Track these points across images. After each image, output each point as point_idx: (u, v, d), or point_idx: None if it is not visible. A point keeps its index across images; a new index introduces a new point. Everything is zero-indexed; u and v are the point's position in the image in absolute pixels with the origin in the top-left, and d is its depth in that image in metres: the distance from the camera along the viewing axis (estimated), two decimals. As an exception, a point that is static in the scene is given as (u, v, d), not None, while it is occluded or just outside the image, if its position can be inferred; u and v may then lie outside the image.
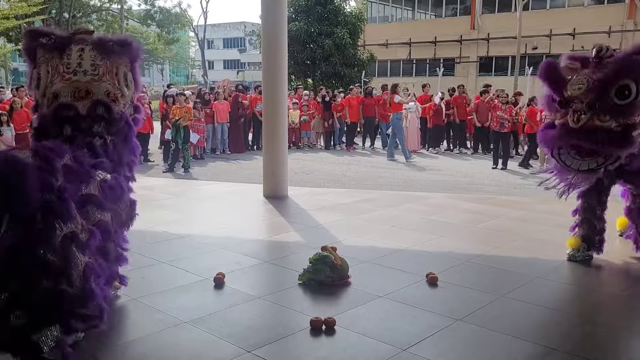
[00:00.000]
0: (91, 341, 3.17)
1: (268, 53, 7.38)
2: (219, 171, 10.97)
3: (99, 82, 3.53)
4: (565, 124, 4.23)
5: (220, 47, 70.84)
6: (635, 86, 3.98)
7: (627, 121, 4.10)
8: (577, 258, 4.64)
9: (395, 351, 3.05)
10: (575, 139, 4.21)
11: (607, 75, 4.02)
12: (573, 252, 4.67)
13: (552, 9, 30.25)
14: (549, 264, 4.62)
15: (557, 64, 4.39)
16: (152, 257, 4.57)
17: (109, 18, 40.04)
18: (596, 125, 4.09)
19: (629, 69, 4.00)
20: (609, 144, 4.15)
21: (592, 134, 4.12)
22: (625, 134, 4.12)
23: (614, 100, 4.01)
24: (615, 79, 4.01)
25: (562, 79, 4.27)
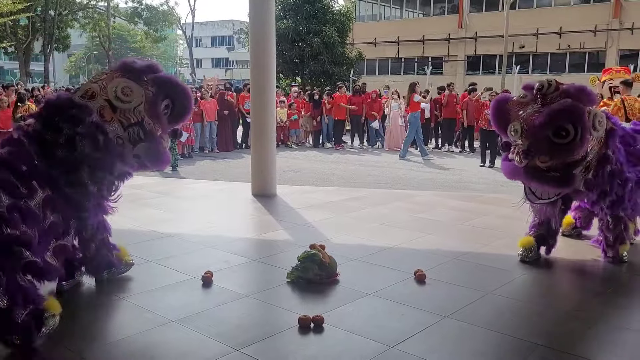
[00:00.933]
0: (78, 340, 3.16)
1: (256, 51, 7.36)
2: (207, 170, 10.94)
3: (91, 83, 3.84)
4: (513, 160, 4.26)
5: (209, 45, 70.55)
6: (572, 128, 3.95)
7: (566, 160, 4.09)
8: (529, 259, 4.61)
9: (383, 348, 3.06)
10: (523, 177, 4.27)
11: (540, 121, 4.01)
12: (525, 253, 4.63)
13: (539, 8, 30.47)
14: (535, 262, 4.66)
15: (505, 102, 4.39)
16: (140, 256, 4.55)
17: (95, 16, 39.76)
18: (537, 165, 4.11)
19: (560, 114, 3.96)
20: (551, 183, 4.21)
21: (535, 174, 4.16)
22: (567, 172, 4.12)
23: (552, 141, 4.00)
24: (548, 125, 3.98)
25: (507, 119, 4.29)
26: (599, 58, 29.17)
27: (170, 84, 3.93)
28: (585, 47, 28.95)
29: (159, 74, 3.90)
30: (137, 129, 3.73)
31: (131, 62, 3.89)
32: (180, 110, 3.98)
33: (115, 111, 3.67)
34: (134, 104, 3.69)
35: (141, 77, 3.79)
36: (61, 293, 3.89)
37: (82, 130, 3.53)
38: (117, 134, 3.69)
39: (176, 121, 4.03)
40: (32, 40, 32.72)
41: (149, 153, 3.85)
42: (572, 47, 29.11)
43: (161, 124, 3.86)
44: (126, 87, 3.68)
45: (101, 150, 3.60)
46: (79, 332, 3.30)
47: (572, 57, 29.73)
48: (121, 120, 3.68)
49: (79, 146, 3.53)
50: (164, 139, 3.96)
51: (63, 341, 3.15)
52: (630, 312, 3.69)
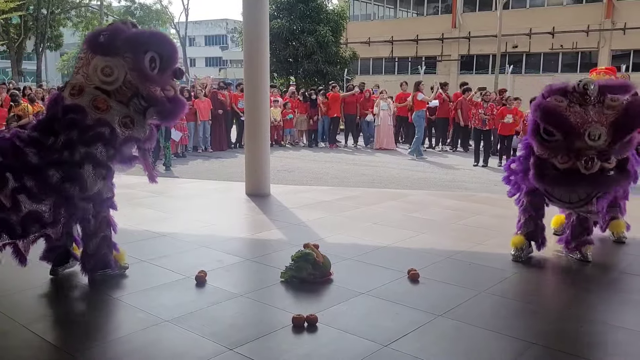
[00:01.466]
0: (71, 340, 3.15)
1: (250, 51, 7.36)
2: (200, 169, 10.91)
3: (75, 75, 3.74)
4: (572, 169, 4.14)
5: (202, 44, 70.37)
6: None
7: (623, 156, 4.18)
8: (523, 257, 4.62)
9: (377, 347, 3.07)
10: (589, 185, 4.20)
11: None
12: (517, 253, 4.64)
13: (532, 8, 30.59)
14: (528, 260, 4.68)
15: (554, 106, 4.18)
16: (133, 255, 4.53)
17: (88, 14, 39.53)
18: (604, 168, 4.10)
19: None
20: (616, 183, 4.28)
21: (601, 179, 4.14)
22: (623, 168, 4.19)
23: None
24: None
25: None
26: (591, 58, 29.30)
27: (141, 39, 3.74)
28: (577, 47, 29.08)
29: (126, 36, 3.69)
30: (137, 100, 3.69)
31: (95, 39, 3.74)
32: (168, 54, 3.79)
33: (109, 95, 3.63)
34: (121, 78, 3.62)
35: (112, 49, 3.66)
36: (55, 276, 3.94)
37: (82, 132, 3.56)
38: (122, 115, 3.66)
39: (170, 65, 3.82)
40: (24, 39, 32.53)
41: (163, 114, 3.83)
42: (565, 47, 29.24)
43: (155, 82, 3.76)
44: (105, 67, 3.60)
45: (111, 144, 3.64)
46: (72, 331, 3.29)
47: (565, 57, 29.86)
48: (119, 100, 3.65)
49: (78, 150, 3.55)
50: (169, 88, 3.85)
51: (56, 341, 3.14)
52: (622, 310, 3.72)
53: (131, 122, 3.73)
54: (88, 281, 4.02)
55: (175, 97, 3.90)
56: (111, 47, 3.66)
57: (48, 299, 3.90)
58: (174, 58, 3.85)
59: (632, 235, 5.29)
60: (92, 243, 3.92)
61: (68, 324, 3.40)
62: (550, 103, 4.22)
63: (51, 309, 3.74)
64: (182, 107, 3.97)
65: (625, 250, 5.11)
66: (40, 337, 3.20)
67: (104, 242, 3.98)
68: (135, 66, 3.65)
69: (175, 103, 3.89)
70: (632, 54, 28.20)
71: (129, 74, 3.65)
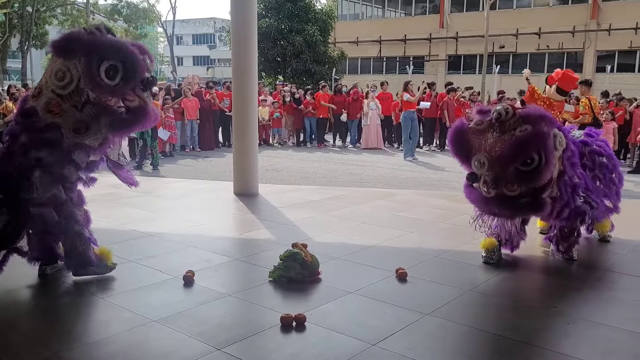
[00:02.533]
0: (57, 341, 3.12)
1: (238, 50, 7.34)
2: (188, 169, 10.87)
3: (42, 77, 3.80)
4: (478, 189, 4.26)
5: (190, 43, 70.05)
6: (537, 155, 3.96)
7: (535, 185, 4.11)
8: (494, 260, 4.61)
9: (365, 346, 3.07)
10: (495, 207, 4.27)
11: (506, 154, 3.99)
12: (489, 255, 4.62)
13: (519, 9, 30.85)
14: (515, 259, 4.72)
15: (463, 130, 4.28)
16: (120, 255, 4.50)
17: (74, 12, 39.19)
18: (506, 194, 4.12)
19: (527, 144, 3.96)
20: (524, 210, 4.26)
21: (505, 203, 4.17)
22: (536, 198, 4.15)
23: (519, 169, 4.01)
24: (515, 157, 3.98)
25: (468, 148, 4.21)
26: (577, 58, 29.62)
27: (98, 46, 3.57)
28: (563, 47, 29.37)
29: (83, 41, 3.57)
30: (89, 107, 3.59)
31: (57, 42, 3.68)
32: (130, 65, 3.60)
33: (63, 99, 3.58)
34: (73, 85, 3.55)
35: (69, 52, 3.57)
36: (44, 276, 3.91)
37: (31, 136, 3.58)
38: (75, 119, 3.59)
39: (133, 76, 3.63)
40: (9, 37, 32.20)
41: (113, 125, 3.71)
42: (551, 48, 29.53)
43: (107, 90, 3.59)
44: (59, 71, 3.57)
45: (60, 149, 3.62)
46: (57, 332, 3.26)
47: (551, 57, 30.13)
48: (73, 105, 3.58)
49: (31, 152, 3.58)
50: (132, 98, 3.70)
51: (41, 342, 3.11)
52: (607, 308, 3.76)
53: (85, 128, 3.64)
54: (74, 281, 3.99)
55: (138, 108, 3.76)
56: (69, 50, 3.59)
57: (34, 299, 3.87)
58: (137, 69, 3.66)
59: (616, 234, 5.36)
60: (66, 242, 3.91)
61: (54, 324, 3.37)
62: (456, 126, 4.39)
63: (37, 309, 3.71)
64: (143, 119, 3.79)
65: (610, 249, 5.17)
66: (25, 338, 3.17)
67: (78, 239, 3.93)
68: (87, 72, 3.54)
69: (135, 114, 3.76)
70: (617, 55, 28.56)
71: (82, 79, 3.55)
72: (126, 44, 3.69)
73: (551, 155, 4.03)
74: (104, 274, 4.10)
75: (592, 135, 5.08)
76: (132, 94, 3.71)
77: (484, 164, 4.08)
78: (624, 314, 3.63)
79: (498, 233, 4.68)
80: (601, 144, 5.05)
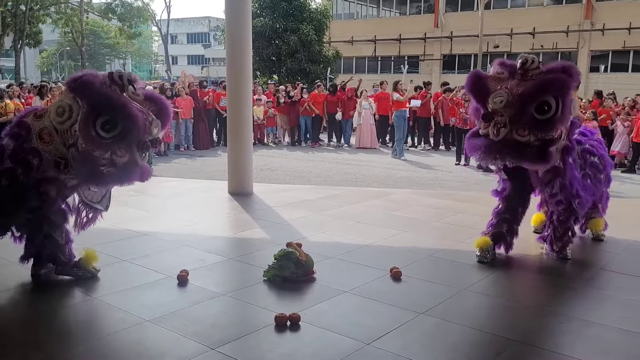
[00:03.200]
0: (49, 342, 3.10)
1: (232, 49, 7.32)
2: (182, 168, 10.84)
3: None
4: (487, 135, 4.23)
5: (184, 42, 69.94)
6: (555, 102, 3.95)
7: (545, 136, 4.08)
8: (487, 259, 4.60)
9: (359, 345, 3.07)
10: (496, 151, 4.22)
11: (528, 90, 4.00)
12: (483, 254, 4.61)
13: (513, 9, 30.93)
14: (509, 258, 4.73)
15: (483, 75, 4.34)
16: (113, 255, 4.49)
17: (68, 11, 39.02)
18: (515, 139, 4.09)
19: (550, 85, 3.97)
20: (527, 158, 4.18)
21: (511, 147, 4.13)
22: (543, 149, 4.10)
23: (534, 115, 3.99)
24: (536, 95, 3.98)
25: (486, 91, 4.20)
26: (571, 58, 29.70)
27: (103, 100, 3.56)
28: (557, 47, 29.47)
29: (93, 88, 3.59)
30: (73, 150, 3.61)
31: (72, 78, 3.73)
32: (127, 127, 3.56)
33: (57, 132, 3.63)
34: (69, 124, 3.58)
35: (79, 93, 3.60)
36: (36, 277, 3.96)
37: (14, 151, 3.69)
38: (59, 154, 3.63)
39: (127, 137, 3.59)
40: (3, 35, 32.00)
41: (83, 177, 3.70)
42: (545, 47, 29.61)
43: (100, 145, 3.56)
44: (60, 107, 3.62)
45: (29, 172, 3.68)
46: (50, 333, 3.24)
47: (545, 57, 30.15)
48: (63, 140, 3.63)
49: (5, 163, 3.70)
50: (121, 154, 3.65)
51: (34, 343, 3.09)
52: (601, 307, 3.77)
53: (65, 166, 3.66)
54: (67, 282, 3.97)
55: (125, 165, 3.69)
56: (78, 90, 3.62)
57: (27, 300, 3.85)
58: (134, 130, 3.59)
59: (610, 233, 5.37)
60: (35, 242, 3.93)
61: (46, 325, 3.35)
62: (475, 71, 4.43)
63: (30, 309, 3.68)
64: (127, 177, 3.75)
65: (603, 248, 5.19)
66: (17, 339, 3.15)
67: (48, 242, 3.92)
68: (84, 120, 3.54)
69: (119, 170, 3.69)
70: (610, 55, 28.68)
71: (78, 123, 3.56)
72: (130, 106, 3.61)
73: (567, 108, 4.01)
74: (80, 277, 4.03)
75: (586, 135, 5.09)
76: (123, 150, 3.66)
77: (502, 100, 4.05)
78: (618, 312, 3.64)
79: (494, 231, 4.70)
80: (594, 143, 5.07)
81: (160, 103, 3.92)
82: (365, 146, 14.24)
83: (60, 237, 3.97)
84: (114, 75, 3.69)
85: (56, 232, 3.94)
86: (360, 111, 14.44)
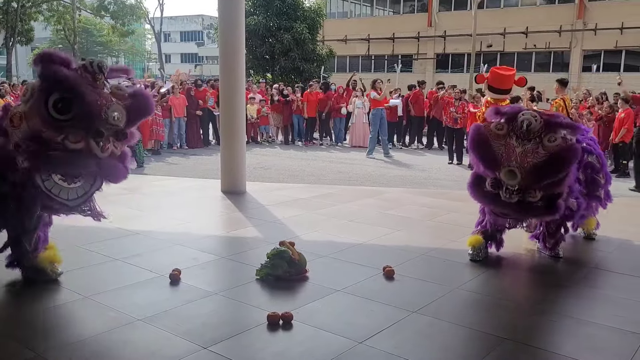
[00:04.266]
0: (40, 341, 3.08)
1: (225, 47, 7.29)
2: (175, 166, 10.81)
3: None
4: (495, 192, 4.26)
5: (178, 40, 69.67)
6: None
7: (555, 192, 4.19)
8: (480, 257, 4.62)
9: (351, 344, 3.07)
10: (515, 212, 4.32)
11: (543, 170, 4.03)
12: (476, 252, 4.65)
13: (506, 8, 31.02)
14: (501, 257, 4.74)
15: (484, 137, 4.23)
16: (105, 254, 4.46)
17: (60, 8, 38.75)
18: (527, 201, 4.17)
19: (565, 162, 4.05)
20: (542, 214, 4.32)
21: (526, 208, 4.21)
22: (552, 202, 4.20)
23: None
24: (551, 174, 4.05)
25: (492, 155, 4.17)
26: (563, 58, 29.87)
27: (59, 78, 3.36)
28: (550, 46, 29.58)
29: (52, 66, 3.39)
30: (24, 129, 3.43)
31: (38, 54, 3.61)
32: (79, 114, 3.33)
33: (25, 114, 3.46)
34: (30, 103, 3.44)
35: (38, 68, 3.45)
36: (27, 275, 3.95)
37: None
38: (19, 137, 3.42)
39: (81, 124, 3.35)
40: (-6, 33, 31.78)
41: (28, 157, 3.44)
42: (538, 47, 29.74)
43: (46, 125, 3.35)
44: (26, 88, 3.52)
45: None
46: (40, 332, 3.21)
47: (538, 56, 30.36)
48: (29, 123, 3.44)
49: None
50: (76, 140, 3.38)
51: (24, 342, 3.07)
52: (593, 306, 3.79)
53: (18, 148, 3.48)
54: (59, 281, 3.94)
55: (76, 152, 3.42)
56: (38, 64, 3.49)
57: (16, 298, 3.81)
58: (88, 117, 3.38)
59: (601, 232, 5.40)
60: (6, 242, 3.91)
61: (37, 324, 3.32)
62: (480, 132, 4.30)
63: (19, 308, 3.65)
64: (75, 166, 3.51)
65: (595, 246, 5.21)
66: (7, 337, 3.13)
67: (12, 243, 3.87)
68: (36, 98, 3.40)
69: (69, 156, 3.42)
70: (602, 54, 28.81)
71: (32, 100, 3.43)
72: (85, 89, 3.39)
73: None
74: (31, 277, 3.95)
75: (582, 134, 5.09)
76: (79, 136, 3.40)
77: (516, 175, 4.07)
78: (609, 311, 3.66)
79: (484, 230, 4.70)
80: (590, 142, 5.08)
81: (140, 97, 3.71)
82: (359, 145, 14.24)
83: (27, 243, 3.84)
84: (86, 64, 3.53)
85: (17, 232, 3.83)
86: (353, 110, 14.43)
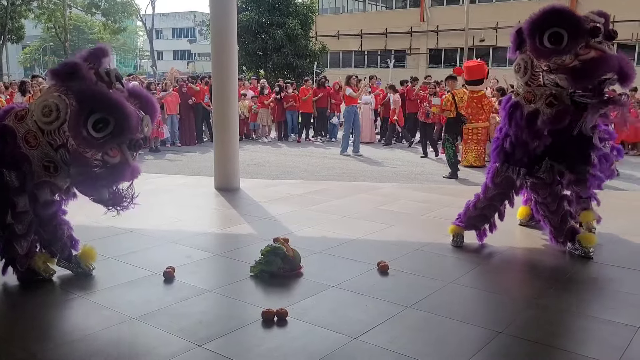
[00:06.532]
0: (33, 340, 3.06)
1: (217, 43, 7.26)
2: (168, 164, 10.77)
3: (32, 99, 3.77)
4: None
5: (170, 37, 69.36)
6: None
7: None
8: (460, 244, 4.81)
9: (346, 340, 3.07)
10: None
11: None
12: (457, 239, 4.85)
13: (498, 3, 31.04)
14: (495, 251, 4.76)
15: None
16: (99, 252, 4.43)
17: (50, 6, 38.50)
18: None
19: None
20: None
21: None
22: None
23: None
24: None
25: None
26: (555, 52, 29.88)
27: (95, 97, 3.42)
28: (542, 41, 29.61)
29: (84, 85, 3.45)
30: (63, 151, 3.48)
31: (55, 69, 3.59)
32: (120, 124, 3.41)
33: (43, 133, 3.49)
34: (57, 124, 3.43)
35: (66, 87, 3.46)
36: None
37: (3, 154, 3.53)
38: (46, 157, 3.49)
39: (121, 134, 3.44)
40: (-16, 31, 31.54)
41: (79, 179, 3.58)
42: (531, 42, 29.74)
43: (91, 145, 3.42)
44: (45, 107, 3.45)
45: (23, 179, 3.55)
46: (34, 331, 3.20)
47: (531, 50, 30.36)
48: (50, 142, 3.49)
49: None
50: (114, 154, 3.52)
51: (18, 342, 3.05)
52: (587, 299, 3.80)
53: (54, 169, 3.55)
54: (53, 280, 3.93)
55: (116, 166, 3.57)
56: (65, 84, 3.47)
57: (11, 298, 3.80)
58: (129, 130, 3.46)
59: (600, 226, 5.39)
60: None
61: (31, 323, 3.31)
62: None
63: (14, 308, 3.64)
64: (118, 177, 3.64)
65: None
66: (1, 336, 3.11)
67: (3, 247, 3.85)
68: (75, 119, 3.39)
69: (110, 171, 3.57)
70: (594, 48, 28.86)
71: (68, 123, 3.42)
72: (124, 103, 3.49)
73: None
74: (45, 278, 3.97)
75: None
76: (115, 151, 3.53)
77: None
78: (603, 303, 3.68)
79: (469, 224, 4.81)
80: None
81: (144, 99, 3.81)
82: (364, 140, 14.10)
83: (19, 247, 3.79)
84: (100, 72, 3.56)
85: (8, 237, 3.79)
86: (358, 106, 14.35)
